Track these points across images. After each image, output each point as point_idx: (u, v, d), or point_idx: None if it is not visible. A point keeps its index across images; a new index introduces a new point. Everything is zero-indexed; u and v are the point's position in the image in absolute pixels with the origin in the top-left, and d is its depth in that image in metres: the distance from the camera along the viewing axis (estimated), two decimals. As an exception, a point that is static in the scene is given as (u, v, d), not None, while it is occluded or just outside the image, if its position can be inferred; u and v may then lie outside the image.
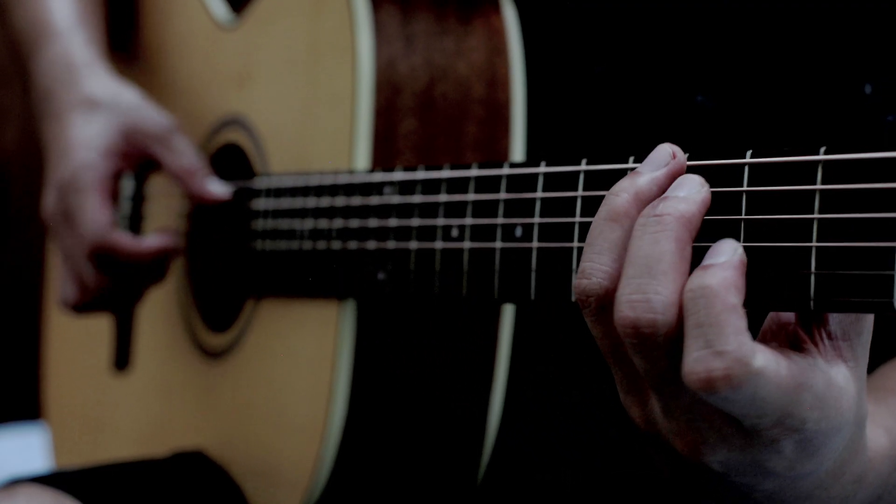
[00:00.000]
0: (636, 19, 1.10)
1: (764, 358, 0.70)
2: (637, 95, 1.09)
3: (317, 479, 1.09)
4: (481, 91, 1.08)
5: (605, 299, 0.75)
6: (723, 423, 0.74)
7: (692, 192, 0.75)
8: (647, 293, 0.72)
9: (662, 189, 0.76)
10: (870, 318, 0.75)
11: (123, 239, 1.26)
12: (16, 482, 1.20)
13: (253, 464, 1.19)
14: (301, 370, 1.12)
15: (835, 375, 0.74)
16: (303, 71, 1.16)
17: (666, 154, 0.77)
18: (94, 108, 1.29)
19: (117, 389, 1.43)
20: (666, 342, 0.72)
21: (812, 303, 0.69)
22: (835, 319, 0.74)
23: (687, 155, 0.78)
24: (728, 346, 0.69)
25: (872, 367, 1.00)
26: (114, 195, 1.29)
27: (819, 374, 0.73)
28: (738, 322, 0.69)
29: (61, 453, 1.55)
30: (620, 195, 0.76)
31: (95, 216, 1.25)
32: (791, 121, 0.85)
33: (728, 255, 0.71)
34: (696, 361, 0.69)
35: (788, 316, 0.76)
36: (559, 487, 1.14)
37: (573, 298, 0.82)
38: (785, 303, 0.71)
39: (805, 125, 1.04)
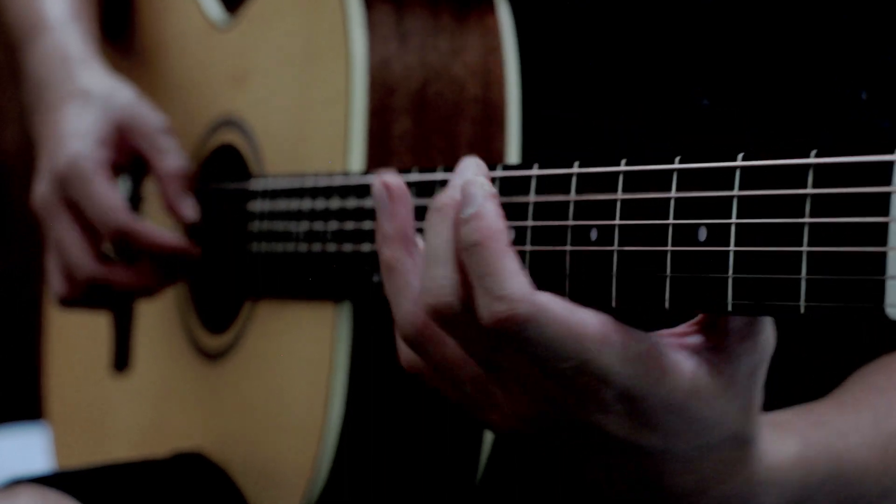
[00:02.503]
0: (631, 20, 1.09)
1: (545, 297, 0.75)
2: (632, 95, 1.09)
3: (315, 480, 1.09)
4: (476, 91, 1.08)
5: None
6: (540, 377, 0.77)
7: (457, 182, 0.81)
8: (435, 280, 0.79)
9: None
10: (766, 346, 0.78)
11: (146, 225, 1.23)
12: (17, 482, 1.20)
13: (252, 464, 1.19)
14: (298, 371, 1.12)
15: (683, 360, 0.76)
16: (297, 71, 1.16)
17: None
18: (88, 100, 1.28)
19: (117, 390, 1.43)
20: (467, 316, 0.77)
21: (802, 307, 0.69)
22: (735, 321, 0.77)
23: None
24: (506, 290, 0.75)
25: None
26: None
27: (651, 344, 0.76)
28: (511, 265, 0.75)
29: (62, 453, 1.56)
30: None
31: (109, 202, 1.22)
32: (788, 126, 0.85)
33: (479, 202, 0.77)
34: (484, 308, 0.75)
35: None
36: (559, 486, 1.14)
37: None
38: (775, 308, 0.70)
39: (801, 130, 1.04)
